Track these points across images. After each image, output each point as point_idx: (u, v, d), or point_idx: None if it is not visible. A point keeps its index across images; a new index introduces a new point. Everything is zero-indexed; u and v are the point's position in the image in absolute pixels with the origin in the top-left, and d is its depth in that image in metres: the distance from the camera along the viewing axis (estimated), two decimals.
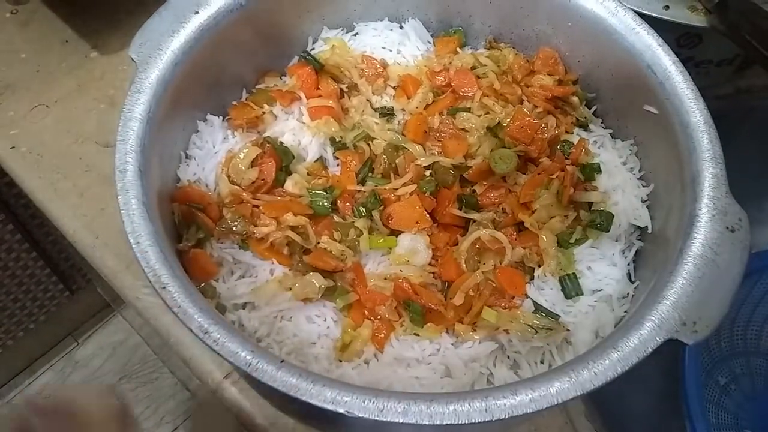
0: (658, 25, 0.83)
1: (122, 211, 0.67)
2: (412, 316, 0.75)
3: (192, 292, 0.64)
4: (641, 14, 0.84)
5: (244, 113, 0.88)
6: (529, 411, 0.56)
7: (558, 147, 0.87)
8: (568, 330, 0.75)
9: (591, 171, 0.84)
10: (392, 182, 0.83)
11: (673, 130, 0.76)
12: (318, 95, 0.90)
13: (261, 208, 0.81)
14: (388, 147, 0.86)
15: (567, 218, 0.81)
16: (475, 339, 0.75)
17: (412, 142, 0.86)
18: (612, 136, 0.91)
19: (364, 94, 0.92)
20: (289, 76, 0.93)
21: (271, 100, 0.90)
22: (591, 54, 0.89)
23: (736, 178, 0.71)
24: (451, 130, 0.87)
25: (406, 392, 0.66)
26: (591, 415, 0.91)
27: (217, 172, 0.84)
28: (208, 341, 0.60)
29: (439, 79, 0.92)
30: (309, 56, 0.92)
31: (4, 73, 1.17)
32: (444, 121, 0.88)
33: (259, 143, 0.84)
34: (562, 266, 0.79)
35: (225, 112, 0.89)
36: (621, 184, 0.84)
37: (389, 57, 0.96)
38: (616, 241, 0.83)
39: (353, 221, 0.81)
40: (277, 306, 0.75)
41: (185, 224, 0.79)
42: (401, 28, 0.99)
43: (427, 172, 0.84)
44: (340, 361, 0.73)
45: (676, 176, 0.75)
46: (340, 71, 0.92)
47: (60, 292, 1.93)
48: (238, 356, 0.59)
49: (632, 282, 0.80)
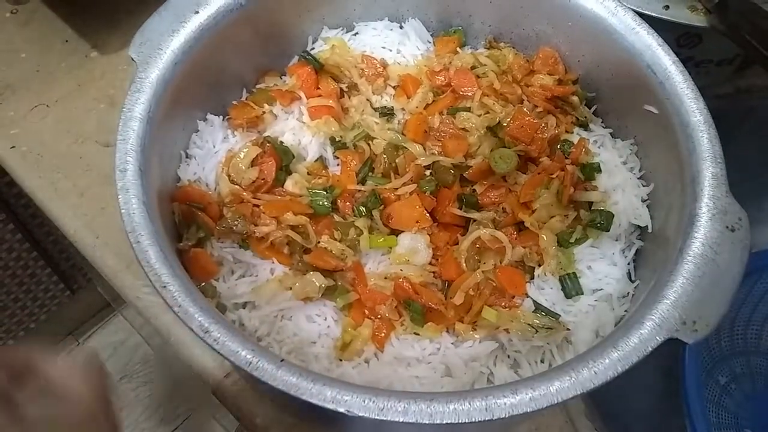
0: (658, 24, 0.83)
1: (122, 210, 0.67)
2: (412, 316, 0.75)
3: (192, 292, 0.64)
4: (641, 14, 0.84)
5: (245, 113, 0.88)
6: (529, 410, 0.56)
7: (558, 146, 0.87)
8: (569, 329, 0.75)
9: (591, 170, 0.84)
10: (392, 182, 0.83)
11: (673, 129, 0.76)
12: (318, 95, 0.90)
13: (261, 207, 0.81)
14: (388, 146, 0.86)
15: (567, 218, 0.81)
16: (475, 338, 0.75)
17: (412, 142, 0.86)
18: (612, 135, 0.91)
19: (364, 93, 0.92)
20: (289, 75, 0.93)
21: (271, 100, 0.90)
22: (591, 54, 0.89)
23: (735, 178, 0.71)
24: (451, 130, 0.87)
25: (407, 391, 0.66)
26: (591, 414, 0.91)
27: (217, 171, 0.84)
28: (209, 340, 0.60)
29: (439, 79, 0.92)
30: (309, 56, 0.92)
31: (4, 73, 1.17)
32: (444, 120, 0.88)
33: (259, 143, 0.84)
34: (562, 266, 0.79)
35: (225, 112, 0.89)
36: (621, 184, 0.84)
37: (389, 57, 0.96)
38: (616, 240, 0.83)
39: (353, 221, 0.81)
40: (277, 305, 0.75)
41: (185, 224, 0.79)
42: (401, 28, 0.99)
43: (427, 172, 0.84)
44: (341, 360, 0.73)
45: (676, 176, 0.75)
46: (340, 71, 0.92)
47: (60, 292, 1.93)
48: (239, 355, 0.59)
49: (632, 281, 0.80)
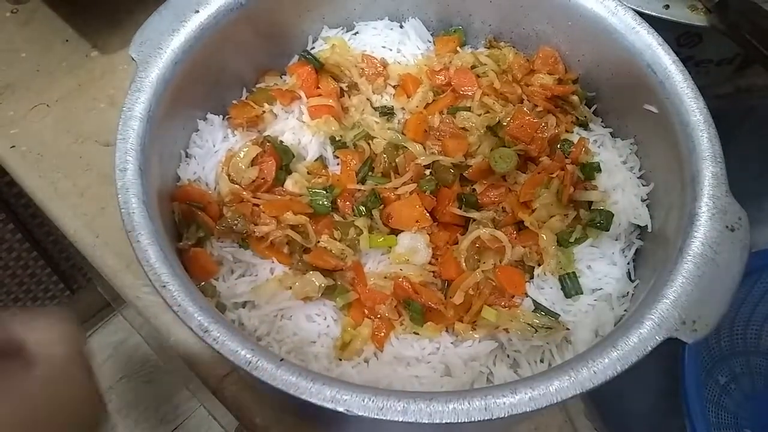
0: (658, 24, 0.83)
1: (122, 210, 0.67)
2: (411, 315, 0.75)
3: (192, 291, 0.64)
4: (641, 13, 0.84)
5: (245, 112, 0.88)
6: (528, 410, 0.56)
7: (558, 146, 0.87)
8: (568, 329, 0.75)
9: (591, 170, 0.84)
10: (392, 181, 0.83)
11: (672, 129, 0.76)
12: (318, 94, 0.90)
13: (261, 207, 0.81)
14: (388, 146, 0.86)
15: (567, 217, 0.81)
16: (474, 338, 0.75)
17: (412, 141, 0.86)
18: (612, 135, 0.91)
19: (364, 93, 0.92)
20: (290, 75, 0.93)
21: (271, 99, 0.90)
22: (591, 53, 0.89)
23: (735, 177, 0.71)
24: (451, 129, 0.87)
25: (406, 391, 0.66)
26: (591, 413, 0.91)
27: (217, 171, 0.84)
28: (208, 340, 0.60)
29: (439, 78, 0.92)
30: (309, 55, 0.92)
31: (4, 73, 1.17)
32: (444, 120, 0.88)
33: (259, 142, 0.84)
34: (561, 265, 0.79)
35: (225, 111, 0.89)
36: (621, 183, 0.84)
37: (389, 56, 0.96)
38: (616, 240, 0.83)
39: (353, 220, 0.81)
40: (277, 305, 0.75)
41: (185, 223, 0.79)
42: (401, 28, 0.99)
43: (427, 171, 0.84)
44: (340, 359, 0.73)
45: (675, 175, 0.75)
46: (340, 70, 0.92)
47: (60, 292, 1.93)
48: (238, 355, 0.59)
49: (632, 281, 0.80)
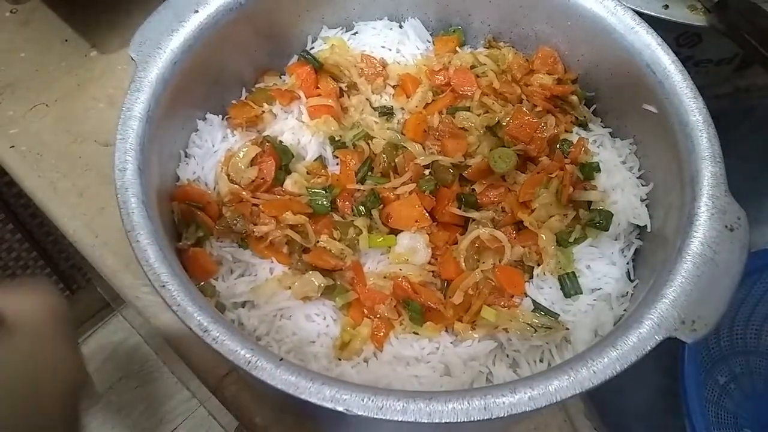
0: (658, 24, 0.83)
1: (121, 209, 0.67)
2: (411, 315, 0.75)
3: (191, 291, 0.64)
4: (640, 13, 0.84)
5: (244, 112, 0.88)
6: (528, 409, 0.56)
7: (557, 146, 0.87)
8: (567, 329, 0.75)
9: (590, 170, 0.84)
10: (392, 181, 0.83)
11: (672, 129, 0.76)
12: (317, 94, 0.90)
13: (260, 206, 0.81)
14: (387, 146, 0.86)
15: (566, 217, 0.81)
16: (474, 338, 0.75)
17: (411, 141, 0.86)
18: (611, 135, 0.91)
19: (364, 93, 0.92)
20: (289, 75, 0.93)
21: (270, 99, 0.90)
22: (590, 53, 0.89)
23: (735, 177, 0.71)
24: (450, 129, 0.87)
25: (405, 390, 0.65)
26: (590, 413, 0.91)
27: (216, 170, 0.84)
28: (208, 339, 0.60)
29: (438, 78, 0.92)
30: (308, 55, 0.92)
31: (4, 73, 1.17)
32: (443, 120, 0.88)
33: (258, 142, 0.84)
34: (561, 265, 0.79)
35: (224, 111, 0.89)
36: (620, 183, 0.84)
37: (389, 56, 0.96)
38: (616, 240, 0.83)
39: (353, 220, 0.81)
40: (276, 304, 0.75)
41: (185, 223, 0.79)
42: (400, 28, 0.99)
43: (427, 171, 0.84)
44: (340, 359, 0.73)
45: (675, 175, 0.75)
46: (340, 70, 0.92)
47: (60, 292, 1.93)
48: (238, 354, 0.59)
49: (631, 281, 0.80)
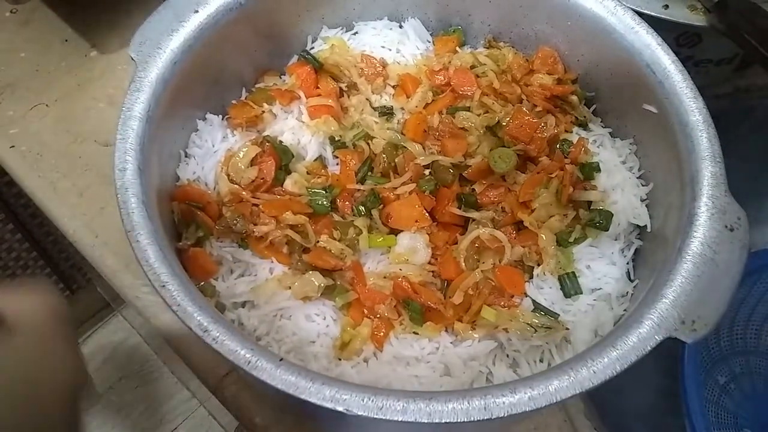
0: (658, 24, 0.83)
1: (121, 209, 0.67)
2: (411, 315, 0.75)
3: (191, 291, 0.64)
4: (640, 13, 0.84)
5: (244, 112, 0.88)
6: (527, 409, 0.56)
7: (557, 146, 0.87)
8: (567, 329, 0.75)
9: (590, 170, 0.84)
10: (392, 181, 0.83)
11: (672, 129, 0.76)
12: (317, 94, 0.90)
13: (260, 206, 0.81)
14: (387, 146, 0.86)
15: (566, 217, 0.81)
16: (474, 338, 0.75)
17: (411, 141, 0.86)
18: (611, 135, 0.91)
19: (364, 93, 0.92)
20: (289, 75, 0.93)
21: (270, 99, 0.90)
22: (590, 53, 0.89)
23: (735, 177, 0.71)
24: (450, 129, 0.87)
25: (405, 390, 0.66)
26: (590, 413, 0.91)
27: (216, 170, 0.84)
28: (208, 339, 0.60)
29: (438, 78, 0.92)
30: (308, 55, 0.92)
31: (4, 73, 1.17)
32: (443, 120, 0.88)
33: (258, 142, 0.84)
34: (561, 265, 0.79)
35: (224, 111, 0.89)
36: (620, 183, 0.84)
37: (389, 56, 0.96)
38: (616, 240, 0.83)
39: (353, 220, 0.81)
40: (276, 305, 0.75)
41: (185, 223, 0.79)
42: (401, 28, 0.99)
43: (427, 171, 0.84)
44: (340, 359, 0.73)
45: (675, 175, 0.75)
46: (340, 70, 0.92)
47: (60, 292, 1.93)
48: (238, 354, 0.59)
49: (631, 281, 0.80)
